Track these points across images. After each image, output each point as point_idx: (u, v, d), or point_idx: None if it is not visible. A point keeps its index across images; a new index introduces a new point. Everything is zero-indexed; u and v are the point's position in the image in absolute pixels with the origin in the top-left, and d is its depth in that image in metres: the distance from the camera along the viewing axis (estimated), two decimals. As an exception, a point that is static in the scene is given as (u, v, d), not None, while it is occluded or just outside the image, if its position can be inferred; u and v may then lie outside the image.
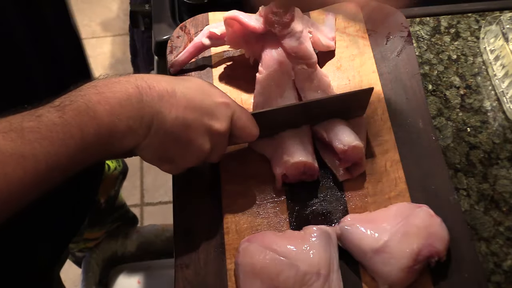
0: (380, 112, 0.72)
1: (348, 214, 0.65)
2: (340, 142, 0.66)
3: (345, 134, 0.66)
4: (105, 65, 2.08)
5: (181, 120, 0.55)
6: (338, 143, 0.66)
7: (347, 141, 0.65)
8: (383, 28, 0.79)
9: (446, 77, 0.82)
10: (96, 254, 1.11)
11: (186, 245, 0.65)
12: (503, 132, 0.77)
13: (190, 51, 0.75)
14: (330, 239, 0.62)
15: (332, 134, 0.67)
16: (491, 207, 0.71)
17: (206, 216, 0.67)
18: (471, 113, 0.79)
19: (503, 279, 0.66)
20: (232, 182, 0.68)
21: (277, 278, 0.58)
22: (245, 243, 0.61)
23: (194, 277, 0.63)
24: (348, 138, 0.66)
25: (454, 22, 0.87)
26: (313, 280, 0.58)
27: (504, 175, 0.73)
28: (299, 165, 0.65)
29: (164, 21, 0.92)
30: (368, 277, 0.62)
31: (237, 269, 0.61)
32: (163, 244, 1.15)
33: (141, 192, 1.82)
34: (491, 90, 0.81)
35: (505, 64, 0.79)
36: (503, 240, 0.69)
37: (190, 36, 0.79)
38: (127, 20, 1.14)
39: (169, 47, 0.79)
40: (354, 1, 0.76)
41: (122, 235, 1.15)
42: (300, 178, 0.67)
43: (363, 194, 0.67)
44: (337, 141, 0.66)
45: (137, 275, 1.11)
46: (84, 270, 1.10)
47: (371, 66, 0.76)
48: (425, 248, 0.60)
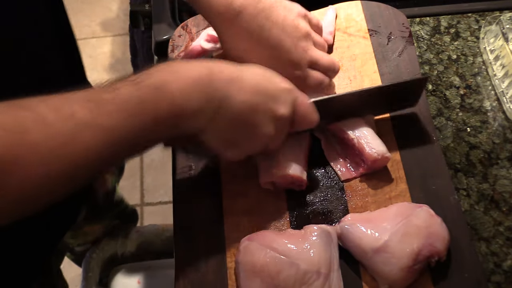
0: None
1: (348, 214, 0.65)
2: (374, 151, 0.65)
3: (378, 143, 0.67)
4: (105, 65, 2.07)
5: (248, 104, 0.56)
6: (371, 151, 0.66)
7: (381, 151, 0.66)
8: (384, 28, 0.79)
9: (446, 77, 0.82)
10: (96, 254, 1.11)
11: (186, 245, 0.65)
12: (503, 132, 0.77)
13: (190, 56, 0.75)
14: (330, 238, 0.62)
15: (364, 140, 0.67)
16: (491, 207, 0.71)
17: (206, 216, 0.67)
18: (471, 113, 0.79)
19: (503, 279, 0.66)
20: (232, 182, 0.69)
21: (277, 277, 0.58)
22: (246, 242, 0.62)
23: (194, 276, 0.63)
24: (382, 147, 0.66)
25: (454, 22, 0.88)
26: (313, 279, 0.58)
27: (504, 175, 0.73)
28: (287, 178, 0.65)
29: (164, 21, 0.92)
30: (368, 276, 0.62)
31: (238, 268, 0.61)
32: (163, 244, 1.15)
33: (141, 192, 1.82)
34: (491, 90, 0.81)
35: (505, 64, 0.79)
36: (503, 240, 0.69)
37: (192, 35, 0.79)
38: (127, 20, 1.14)
39: (171, 46, 0.79)
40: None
41: (122, 235, 1.15)
42: (288, 186, 0.67)
43: (364, 193, 0.67)
44: (370, 149, 0.66)
45: (137, 275, 1.11)
46: (84, 270, 1.09)
47: (372, 66, 0.76)
48: (425, 248, 0.60)
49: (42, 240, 0.79)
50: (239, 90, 0.56)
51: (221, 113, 0.55)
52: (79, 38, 2.09)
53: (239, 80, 0.57)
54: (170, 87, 0.52)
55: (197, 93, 0.53)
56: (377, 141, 0.67)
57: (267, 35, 0.64)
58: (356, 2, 0.82)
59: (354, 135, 0.67)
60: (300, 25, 0.66)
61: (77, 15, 2.14)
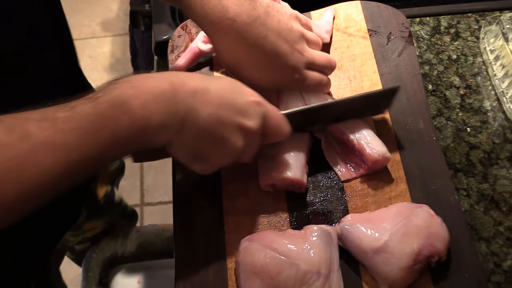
0: (380, 112, 0.73)
1: (348, 214, 0.65)
2: (375, 151, 0.65)
3: (378, 143, 0.66)
4: (105, 65, 2.07)
5: (215, 116, 0.55)
6: (371, 151, 0.65)
7: (381, 152, 0.65)
8: (384, 29, 0.79)
9: (446, 77, 0.82)
10: (96, 254, 1.11)
11: (186, 245, 0.65)
12: (503, 132, 0.77)
13: (188, 57, 0.75)
14: (330, 238, 0.62)
15: (364, 141, 0.66)
16: (491, 207, 0.71)
17: (206, 216, 0.67)
18: (471, 113, 0.79)
19: (503, 279, 0.66)
20: (232, 182, 0.69)
21: (277, 277, 0.58)
22: (246, 242, 0.62)
23: (194, 276, 0.63)
24: (382, 148, 0.66)
25: (454, 22, 0.88)
26: (313, 280, 0.58)
27: (504, 175, 0.73)
28: (286, 181, 0.65)
29: (164, 21, 0.92)
30: (368, 276, 0.62)
31: (238, 268, 0.61)
32: (163, 244, 1.15)
33: (141, 192, 1.82)
34: (491, 90, 0.81)
35: (505, 64, 0.79)
36: (503, 240, 0.69)
37: (191, 35, 0.79)
38: (127, 20, 1.14)
39: (170, 46, 0.79)
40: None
41: (122, 235, 1.15)
42: (288, 188, 0.67)
43: (364, 194, 0.67)
44: (371, 149, 0.66)
45: (137, 275, 1.10)
46: (84, 270, 1.10)
47: (372, 66, 0.76)
48: (425, 248, 0.60)
49: (42, 240, 0.80)
50: (204, 102, 0.54)
51: (187, 126, 0.54)
52: (79, 38, 2.09)
53: (205, 92, 0.55)
54: (130, 103, 0.50)
55: (159, 108, 0.52)
56: (377, 141, 0.67)
57: (263, 42, 0.63)
58: (355, 2, 0.82)
59: (354, 136, 0.67)
60: (294, 27, 0.66)
61: (77, 15, 2.14)
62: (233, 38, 0.63)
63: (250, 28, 0.62)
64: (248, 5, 0.62)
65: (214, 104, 0.55)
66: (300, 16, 0.69)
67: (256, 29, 0.63)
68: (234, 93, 0.57)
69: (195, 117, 0.54)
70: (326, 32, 0.77)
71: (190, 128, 0.54)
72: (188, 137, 0.54)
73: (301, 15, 0.70)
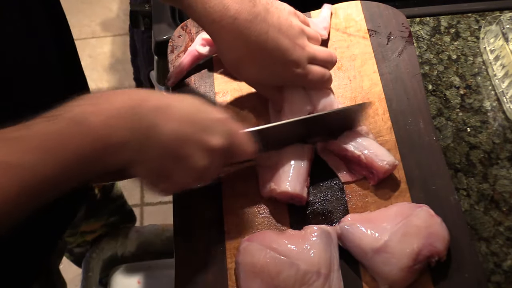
0: (381, 112, 0.73)
1: (348, 214, 0.65)
2: (385, 163, 0.65)
3: (384, 152, 0.66)
4: (105, 65, 2.07)
5: (178, 133, 0.54)
6: (382, 163, 0.65)
7: (391, 161, 0.65)
8: (384, 28, 0.79)
9: (446, 77, 0.82)
10: (96, 254, 1.11)
11: (186, 245, 0.65)
12: (503, 132, 0.77)
13: (187, 60, 0.75)
14: (330, 238, 0.62)
15: (371, 154, 0.65)
16: (491, 207, 0.71)
17: (206, 216, 0.67)
18: (471, 113, 0.79)
19: (503, 279, 0.66)
20: (232, 182, 0.69)
21: (277, 277, 0.58)
22: (246, 242, 0.62)
23: (194, 276, 0.63)
24: (390, 156, 0.66)
25: (454, 22, 0.88)
26: (313, 280, 0.58)
27: (504, 175, 0.73)
28: (286, 195, 0.65)
29: (164, 21, 0.92)
30: (368, 276, 0.62)
31: (238, 268, 0.61)
32: (163, 244, 1.15)
33: (141, 192, 1.82)
34: (491, 90, 0.81)
35: (505, 64, 0.79)
36: (503, 240, 0.69)
37: (191, 35, 0.79)
38: (127, 20, 1.14)
39: (170, 46, 0.79)
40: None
41: (122, 235, 1.15)
42: (288, 201, 0.66)
43: (364, 194, 0.67)
44: (381, 161, 0.65)
45: (137, 275, 1.10)
46: (84, 270, 1.10)
47: (372, 66, 0.76)
48: (425, 248, 0.60)
49: (42, 239, 0.79)
50: (167, 119, 0.53)
51: (149, 144, 0.52)
52: (79, 38, 2.09)
53: (167, 109, 0.54)
54: (92, 120, 0.49)
55: (121, 124, 0.50)
56: (383, 150, 0.66)
57: (265, 38, 0.63)
58: (355, 2, 0.82)
59: (359, 151, 0.66)
60: (294, 23, 0.66)
61: (77, 15, 2.14)
62: (234, 36, 0.63)
63: (251, 25, 0.62)
64: (248, 3, 0.63)
65: (177, 121, 0.54)
66: (298, 13, 0.70)
67: (257, 25, 0.63)
68: (198, 111, 0.56)
69: (158, 134, 0.52)
70: (323, 29, 0.77)
71: (153, 145, 0.52)
72: (150, 155, 0.53)
73: (299, 12, 0.70)
